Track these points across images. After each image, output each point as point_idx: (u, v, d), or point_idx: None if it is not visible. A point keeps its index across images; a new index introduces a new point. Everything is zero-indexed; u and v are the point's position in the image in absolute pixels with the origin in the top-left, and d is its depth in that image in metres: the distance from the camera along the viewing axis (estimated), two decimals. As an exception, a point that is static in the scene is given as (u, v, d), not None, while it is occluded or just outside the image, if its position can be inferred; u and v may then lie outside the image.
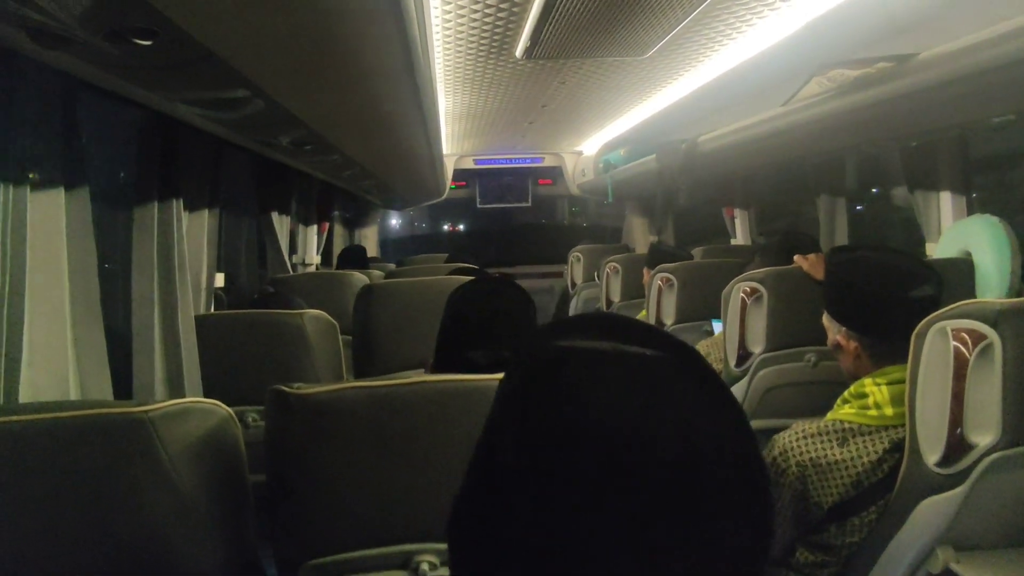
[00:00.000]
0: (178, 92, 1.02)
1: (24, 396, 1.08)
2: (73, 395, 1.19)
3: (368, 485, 0.98)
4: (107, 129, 1.43)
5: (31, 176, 1.08)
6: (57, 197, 1.15)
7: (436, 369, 1.29)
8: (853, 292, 1.46)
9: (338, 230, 4.91)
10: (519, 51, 2.17)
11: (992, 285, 1.89)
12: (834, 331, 1.52)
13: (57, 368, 1.15)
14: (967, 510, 1.21)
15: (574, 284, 4.52)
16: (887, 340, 1.42)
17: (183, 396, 1.66)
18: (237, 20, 0.79)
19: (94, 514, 0.87)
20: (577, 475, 0.43)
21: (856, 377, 1.48)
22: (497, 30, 1.97)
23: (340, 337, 1.91)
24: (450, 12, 1.80)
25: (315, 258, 3.73)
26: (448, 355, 1.27)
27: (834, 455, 1.38)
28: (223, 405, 0.97)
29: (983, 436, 1.18)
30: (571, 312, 4.43)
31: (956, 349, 1.19)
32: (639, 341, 0.46)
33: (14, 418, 0.84)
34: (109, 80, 0.95)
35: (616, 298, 3.59)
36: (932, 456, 1.23)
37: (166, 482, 0.89)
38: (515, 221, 7.10)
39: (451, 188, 5.46)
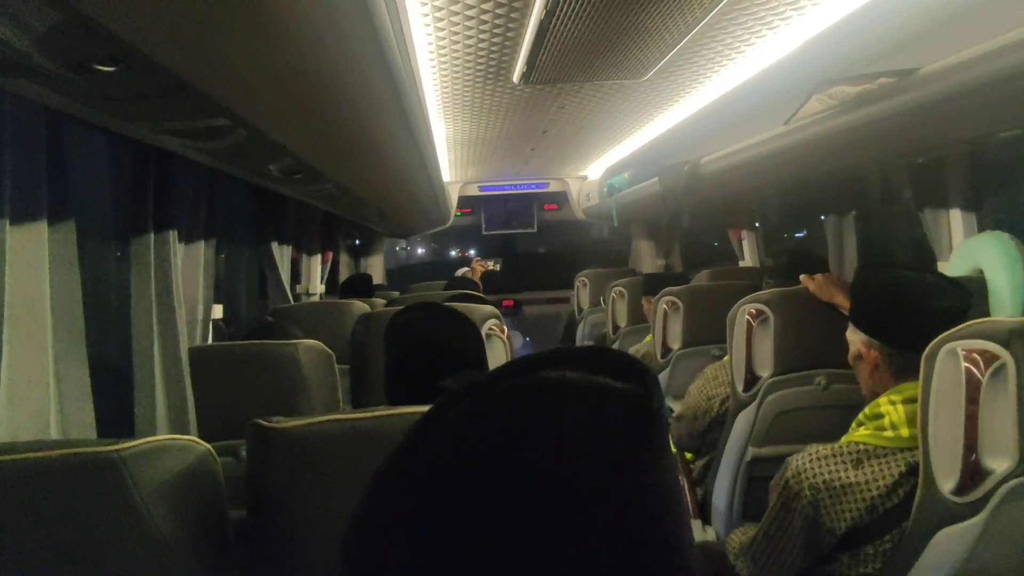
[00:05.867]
0: (155, 122, 1.00)
1: (1, 433, 1.05)
2: (54, 433, 1.16)
3: (348, 519, 0.94)
4: (97, 161, 1.42)
5: (10, 208, 1.06)
6: (39, 229, 1.13)
7: (393, 401, 1.26)
8: (878, 301, 1.45)
9: (344, 259, 4.91)
10: (516, 76, 2.16)
11: (1006, 303, 1.84)
12: (857, 341, 1.49)
13: (37, 405, 1.12)
14: (986, 541, 1.15)
15: (580, 309, 4.48)
16: (908, 351, 1.40)
17: (183, 429, 1.63)
18: (207, 49, 0.77)
19: (64, 558, 0.84)
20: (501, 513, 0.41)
21: (874, 393, 1.46)
22: (492, 55, 1.96)
23: (337, 367, 1.87)
24: (444, 38, 1.79)
25: (319, 287, 3.72)
26: (408, 384, 1.24)
27: (848, 477, 1.34)
28: (201, 441, 0.94)
29: (999, 462, 1.13)
30: (579, 338, 4.39)
31: (967, 371, 1.14)
32: (610, 372, 0.44)
33: (-18, 459, 0.81)
34: (86, 111, 0.93)
35: (623, 323, 3.55)
36: (947, 484, 1.18)
37: (139, 524, 0.85)
38: (522, 246, 7.07)
39: (457, 215, 5.46)
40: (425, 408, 0.94)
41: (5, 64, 0.66)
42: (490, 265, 5.50)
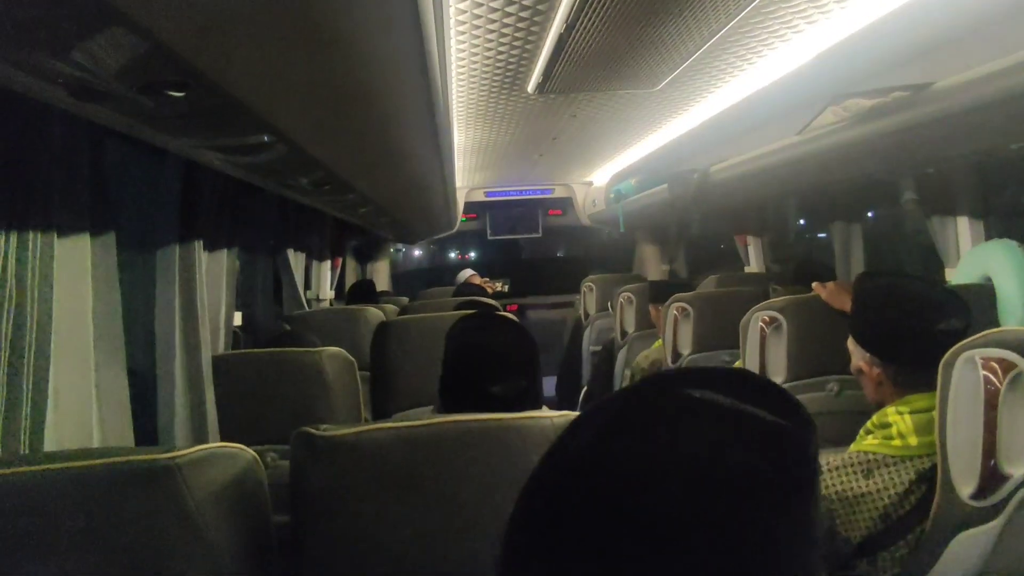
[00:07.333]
0: (203, 139, 1.03)
1: (48, 441, 1.08)
2: (96, 440, 1.18)
3: (395, 527, 0.97)
4: (129, 173, 1.45)
5: (58, 223, 1.09)
6: (83, 243, 1.16)
7: (446, 407, 1.28)
8: (880, 320, 1.45)
9: (350, 264, 4.93)
10: (531, 86, 2.19)
11: (1015, 311, 1.87)
12: (858, 356, 1.51)
13: (81, 413, 1.15)
14: (1004, 543, 1.18)
15: (587, 314, 4.50)
16: (910, 369, 1.41)
17: (205, 437, 1.66)
18: (265, 70, 0.80)
19: (117, 564, 0.86)
20: (652, 523, 0.42)
21: (879, 403, 1.47)
22: (510, 66, 1.99)
23: (358, 374, 1.90)
24: (464, 51, 1.82)
25: (329, 293, 3.74)
26: (459, 392, 1.26)
27: (860, 487, 1.36)
28: (247, 449, 0.97)
29: (1017, 467, 1.16)
30: (585, 343, 4.41)
31: (986, 379, 1.17)
32: (762, 403, 0.45)
33: (42, 467, 0.84)
34: (136, 128, 0.96)
35: (631, 328, 3.57)
36: (966, 489, 1.21)
37: (192, 529, 0.88)
38: (526, 251, 7.09)
39: (462, 221, 5.49)
40: (470, 416, 0.97)
41: (84, 91, 0.70)
42: (499, 286, 5.61)
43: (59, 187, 1.07)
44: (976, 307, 1.91)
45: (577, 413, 1.03)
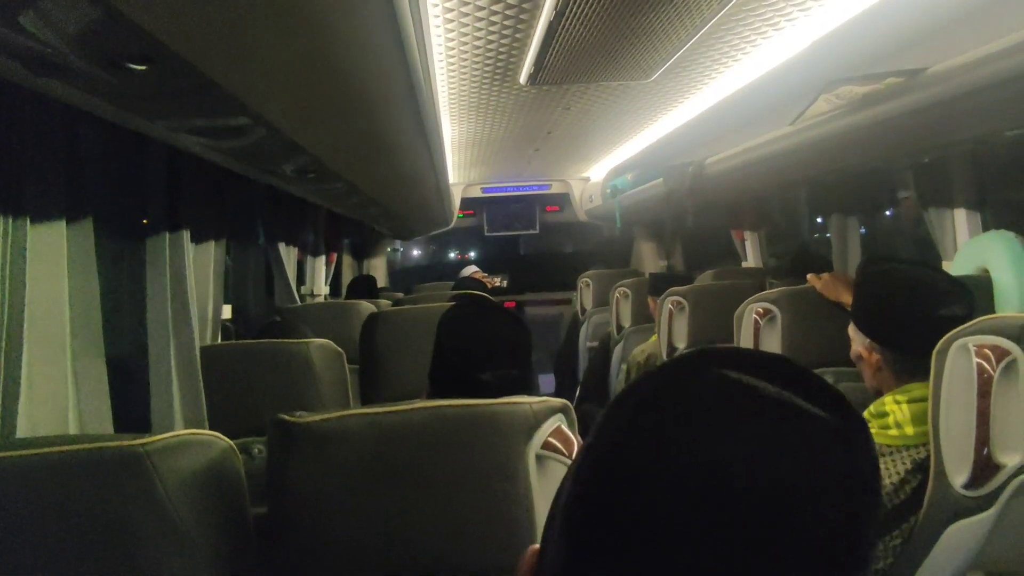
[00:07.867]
0: (178, 121, 1.01)
1: (22, 430, 1.06)
2: (72, 429, 1.16)
3: (374, 515, 0.95)
4: (108, 159, 1.43)
5: (31, 207, 1.07)
6: (59, 229, 1.14)
7: (436, 394, 1.26)
8: (880, 305, 1.45)
9: (347, 261, 4.91)
10: (523, 77, 2.17)
11: (1012, 302, 1.85)
12: (858, 342, 1.50)
13: (56, 401, 1.13)
14: (998, 534, 1.16)
15: (584, 310, 4.49)
16: (910, 356, 1.40)
17: (201, 427, 1.64)
18: (235, 48, 0.78)
19: (88, 552, 0.84)
20: (698, 516, 0.38)
21: (877, 391, 1.46)
22: (500, 56, 1.97)
23: (347, 366, 1.88)
24: (453, 40, 1.80)
25: (323, 289, 3.72)
26: (449, 379, 1.24)
27: None
28: (223, 437, 0.95)
29: (1011, 456, 1.14)
30: (582, 338, 4.39)
31: (979, 366, 1.15)
32: (808, 396, 0.41)
33: (10, 454, 0.82)
34: (110, 111, 0.94)
35: (627, 323, 3.56)
36: (959, 478, 1.19)
37: (163, 518, 0.86)
38: (524, 248, 7.06)
39: (459, 217, 5.48)
40: (446, 402, 0.95)
41: (39, 63, 0.68)
42: (497, 281, 5.63)
43: (32, 171, 1.05)
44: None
45: (563, 401, 1.01)
